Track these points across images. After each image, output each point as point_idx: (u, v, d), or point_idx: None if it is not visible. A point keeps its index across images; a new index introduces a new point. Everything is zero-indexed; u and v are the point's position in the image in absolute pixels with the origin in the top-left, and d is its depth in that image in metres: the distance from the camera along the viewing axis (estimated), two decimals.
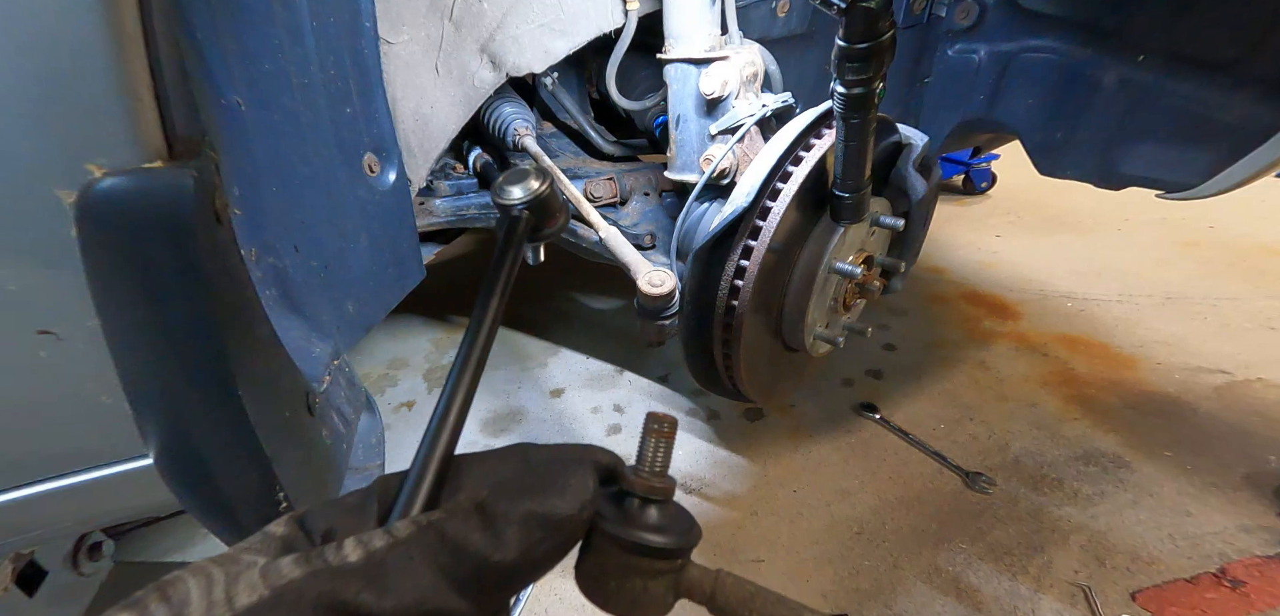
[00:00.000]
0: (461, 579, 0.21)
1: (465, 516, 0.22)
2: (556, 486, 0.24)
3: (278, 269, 0.59)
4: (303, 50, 0.57)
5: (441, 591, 0.21)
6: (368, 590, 0.20)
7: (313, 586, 0.20)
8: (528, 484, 0.24)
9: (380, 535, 0.21)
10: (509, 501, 0.23)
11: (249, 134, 0.54)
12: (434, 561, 0.21)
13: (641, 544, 0.27)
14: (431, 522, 0.21)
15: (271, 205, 0.58)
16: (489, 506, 0.22)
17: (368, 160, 0.66)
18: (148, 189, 0.41)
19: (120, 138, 0.40)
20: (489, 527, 0.22)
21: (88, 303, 0.42)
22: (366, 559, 0.21)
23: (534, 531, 0.23)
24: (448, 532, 0.21)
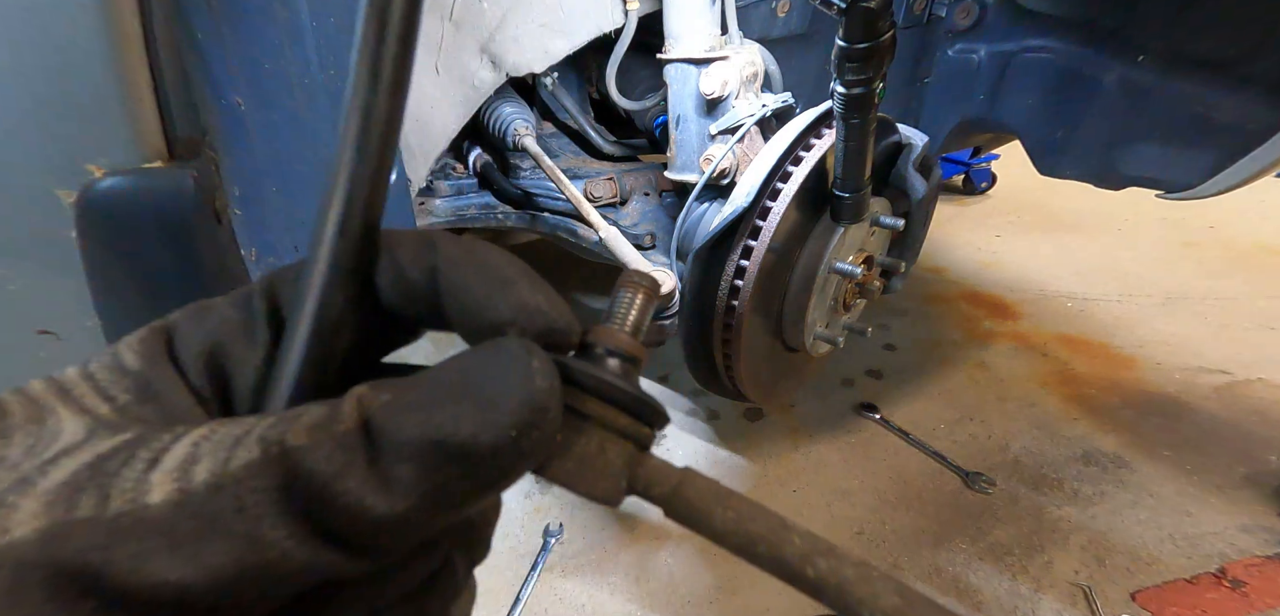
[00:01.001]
0: (327, 530, 0.14)
1: (340, 442, 0.13)
2: (483, 392, 0.14)
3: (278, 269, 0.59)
4: (303, 50, 0.57)
5: (291, 545, 0.13)
6: (159, 554, 0.12)
7: (47, 550, 0.12)
8: (445, 379, 0.15)
9: (213, 454, 0.13)
10: (407, 418, 0.14)
11: (249, 134, 0.54)
12: (283, 507, 0.13)
13: (604, 385, 0.18)
14: (284, 449, 0.13)
15: (271, 205, 0.58)
16: (378, 425, 0.14)
17: None
18: (148, 189, 0.41)
19: (120, 138, 0.40)
20: (373, 462, 0.14)
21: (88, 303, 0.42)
22: (175, 501, 0.13)
23: (438, 470, 0.14)
24: (307, 467, 0.13)
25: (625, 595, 1.03)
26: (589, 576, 1.06)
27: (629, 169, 1.17)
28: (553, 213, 1.14)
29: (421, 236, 0.19)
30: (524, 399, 0.14)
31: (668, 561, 1.08)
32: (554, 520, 1.15)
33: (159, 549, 0.12)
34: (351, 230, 0.17)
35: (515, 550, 1.11)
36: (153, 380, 0.16)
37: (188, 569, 0.13)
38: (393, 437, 0.14)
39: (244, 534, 0.13)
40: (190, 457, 0.13)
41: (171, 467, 0.13)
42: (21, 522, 0.12)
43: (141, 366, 0.17)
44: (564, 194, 1.02)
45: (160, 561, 0.12)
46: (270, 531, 0.13)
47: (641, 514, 1.18)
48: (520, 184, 1.15)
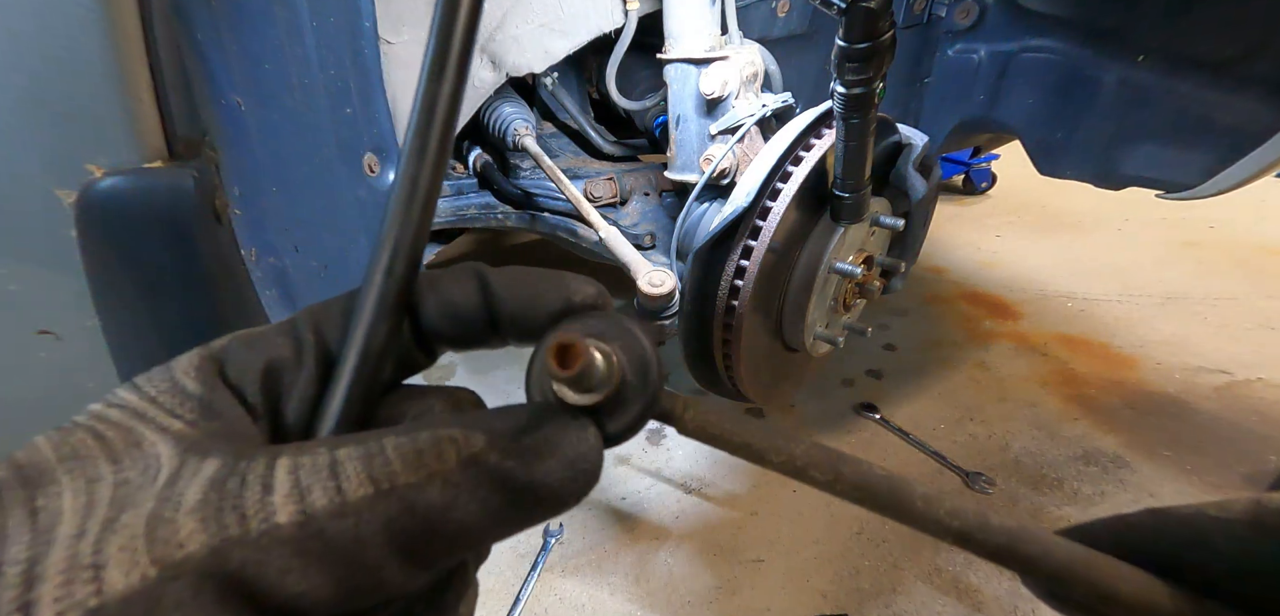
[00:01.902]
0: (411, 549, 0.16)
1: (445, 481, 0.16)
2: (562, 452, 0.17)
3: (278, 268, 0.59)
4: (302, 50, 0.57)
5: (393, 573, 0.16)
6: (298, 569, 0.14)
7: (220, 565, 0.14)
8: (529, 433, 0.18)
9: (319, 480, 0.15)
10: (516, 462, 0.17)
11: (249, 134, 0.54)
12: (391, 537, 0.15)
13: None
14: (397, 488, 0.16)
15: (272, 205, 0.58)
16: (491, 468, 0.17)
17: (368, 160, 0.66)
18: (148, 189, 0.41)
19: (120, 138, 0.40)
20: (453, 491, 0.16)
21: (88, 302, 0.42)
22: (302, 522, 0.15)
23: (522, 507, 0.17)
24: (420, 503, 0.16)
25: (625, 595, 1.03)
26: (589, 576, 1.06)
27: (629, 169, 1.17)
28: (553, 213, 1.14)
29: (462, 271, 0.22)
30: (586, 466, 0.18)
31: (668, 561, 1.08)
32: (554, 520, 1.15)
33: (295, 565, 0.15)
34: (396, 275, 0.20)
35: (515, 550, 1.11)
36: (213, 402, 0.18)
37: (318, 583, 0.15)
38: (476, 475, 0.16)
39: (359, 557, 0.15)
40: (299, 485, 0.15)
41: (287, 492, 0.15)
42: (191, 537, 0.14)
43: (201, 390, 0.18)
44: (564, 194, 1.02)
45: (297, 576, 0.15)
46: (379, 557, 0.15)
47: (641, 514, 1.18)
48: (520, 184, 1.16)
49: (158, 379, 0.18)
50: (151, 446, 0.16)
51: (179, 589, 0.14)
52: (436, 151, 0.21)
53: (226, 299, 0.47)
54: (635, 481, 1.25)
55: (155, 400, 0.18)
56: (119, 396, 0.18)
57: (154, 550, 0.14)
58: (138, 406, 0.17)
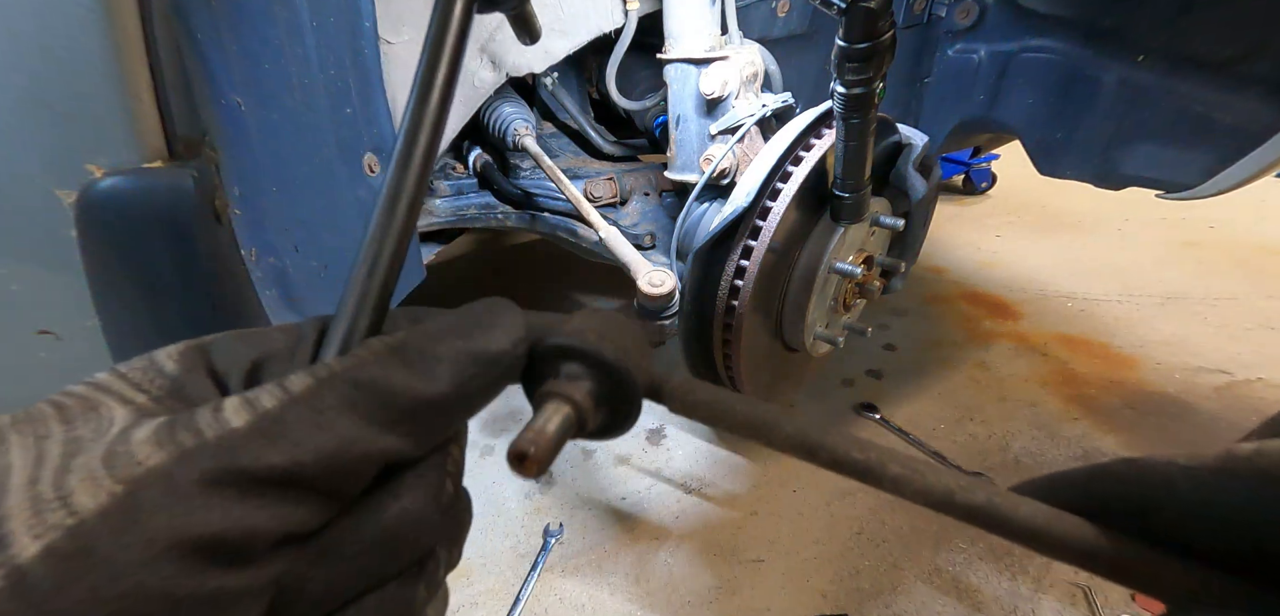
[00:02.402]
0: (389, 418, 0.18)
1: (381, 359, 0.18)
2: (484, 325, 0.21)
3: (278, 269, 0.59)
4: (303, 50, 0.57)
5: (367, 432, 0.17)
6: (268, 448, 0.16)
7: (184, 466, 0.15)
8: (451, 325, 0.20)
9: (269, 392, 0.17)
10: (433, 341, 0.19)
11: (249, 134, 0.54)
12: (350, 407, 0.17)
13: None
14: (336, 372, 0.17)
15: (272, 205, 0.58)
16: (409, 347, 0.19)
17: (368, 160, 0.66)
18: (148, 189, 0.41)
19: (120, 138, 0.40)
20: (412, 366, 0.18)
21: (88, 302, 0.42)
22: (255, 420, 0.16)
23: (465, 367, 0.19)
24: (361, 377, 0.17)
25: (625, 595, 1.03)
26: (589, 576, 1.06)
27: (629, 169, 1.17)
28: (553, 212, 1.14)
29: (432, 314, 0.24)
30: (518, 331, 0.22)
31: (668, 561, 1.08)
32: (554, 520, 1.15)
33: (264, 447, 0.16)
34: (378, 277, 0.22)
35: (515, 550, 1.11)
36: (186, 385, 0.19)
37: (294, 451, 0.16)
38: (428, 350, 0.19)
39: (327, 428, 0.16)
40: (247, 401, 0.16)
41: (236, 406, 0.16)
42: (149, 456, 0.15)
43: (179, 371, 0.19)
44: (564, 194, 1.03)
45: (270, 453, 0.16)
46: (342, 424, 0.17)
47: (641, 514, 1.18)
48: (520, 184, 1.16)
49: (139, 363, 0.19)
50: (108, 412, 0.17)
51: (154, 492, 0.14)
52: (419, 164, 0.23)
53: (226, 299, 0.47)
54: (635, 481, 1.25)
55: (125, 376, 0.18)
56: (95, 378, 0.19)
57: (115, 473, 0.15)
58: (107, 382, 0.18)
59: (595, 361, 0.23)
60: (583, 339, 0.23)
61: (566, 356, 0.23)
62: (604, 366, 0.23)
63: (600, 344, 0.23)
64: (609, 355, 0.23)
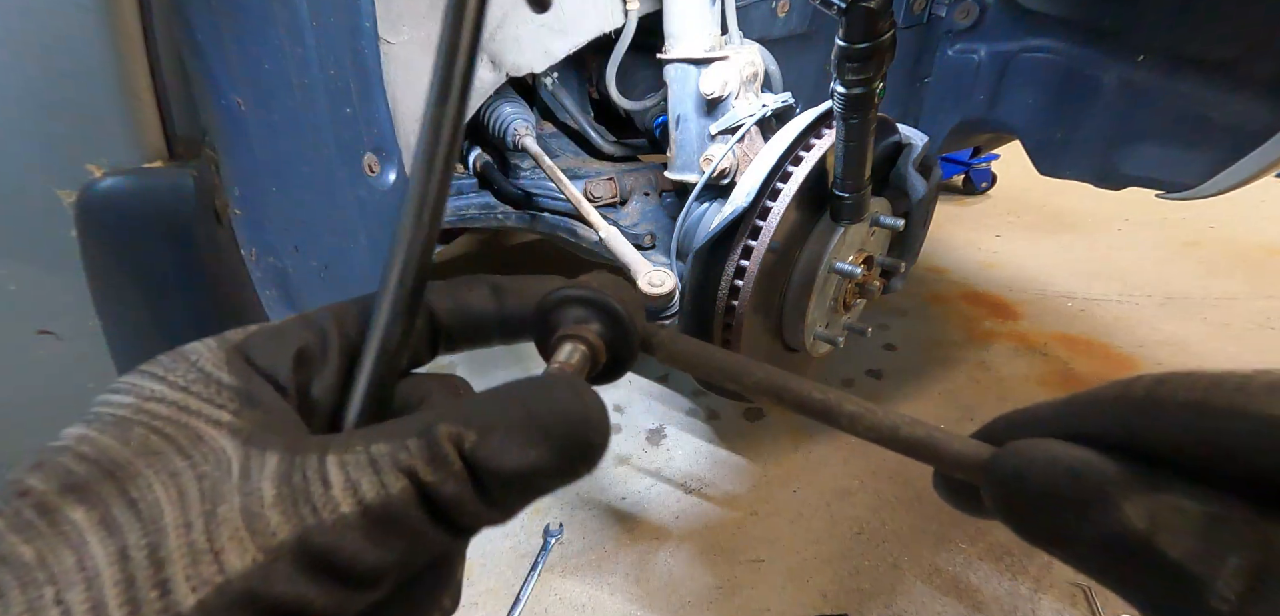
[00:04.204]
0: (454, 529, 0.19)
1: (458, 479, 0.19)
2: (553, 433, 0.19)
3: (278, 269, 0.59)
4: (303, 50, 0.57)
5: (438, 540, 0.19)
6: (368, 547, 0.17)
7: (307, 547, 0.17)
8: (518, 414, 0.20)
9: (365, 475, 0.18)
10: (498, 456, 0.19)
11: (249, 134, 0.54)
12: (429, 515, 0.19)
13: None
14: (423, 483, 0.19)
15: (272, 205, 0.58)
16: (479, 464, 0.19)
17: (368, 160, 0.66)
18: (148, 189, 0.41)
19: (120, 138, 0.40)
20: (478, 484, 0.19)
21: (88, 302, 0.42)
22: (361, 511, 0.18)
23: (523, 492, 0.20)
24: (441, 495, 0.19)
25: (625, 595, 1.03)
26: (589, 576, 1.06)
27: (629, 169, 1.17)
28: (553, 212, 1.14)
29: (475, 280, 0.27)
30: (589, 435, 0.20)
31: (668, 561, 1.08)
32: (554, 520, 1.15)
33: (364, 545, 0.17)
34: (408, 282, 0.23)
35: (515, 550, 1.11)
36: (252, 391, 0.20)
37: (386, 556, 0.18)
38: (495, 474, 0.19)
39: (410, 533, 0.18)
40: (350, 480, 0.18)
41: (342, 486, 0.18)
42: (279, 527, 0.17)
43: (237, 381, 0.20)
44: (564, 194, 1.03)
45: (368, 553, 0.17)
46: (425, 530, 0.19)
47: (641, 514, 1.18)
48: (520, 184, 1.16)
49: (181, 369, 0.20)
50: (213, 440, 0.18)
51: (283, 567, 0.16)
52: (442, 166, 0.24)
53: (226, 299, 0.47)
54: (635, 481, 1.25)
55: (189, 390, 0.20)
56: (148, 387, 0.20)
57: (256, 539, 0.17)
58: (178, 400, 0.19)
59: (602, 307, 0.25)
60: (588, 288, 0.25)
61: (574, 304, 0.25)
62: (609, 312, 0.25)
63: (607, 295, 0.25)
64: (615, 305, 0.25)
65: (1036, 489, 0.19)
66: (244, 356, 0.21)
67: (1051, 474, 0.19)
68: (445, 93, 0.24)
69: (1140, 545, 0.17)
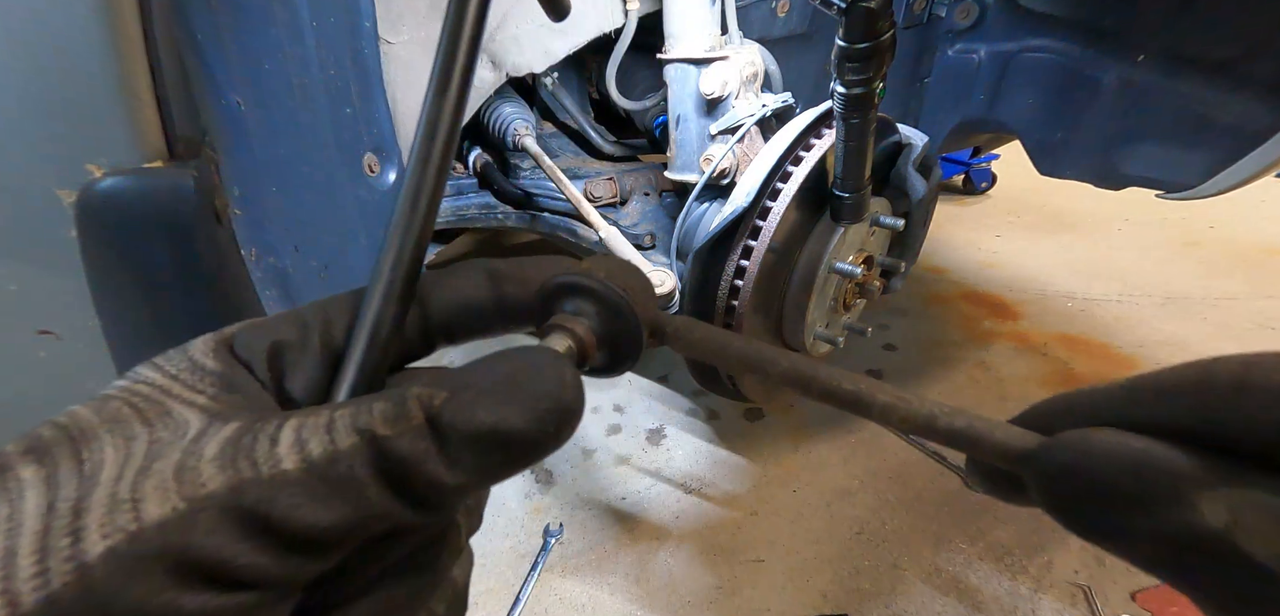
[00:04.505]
0: (411, 496, 0.18)
1: (416, 433, 0.18)
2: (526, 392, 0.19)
3: (278, 269, 0.59)
4: (303, 50, 0.57)
5: (386, 503, 0.18)
6: (306, 504, 0.17)
7: (237, 499, 0.16)
8: (491, 377, 0.19)
9: (316, 435, 0.18)
10: (465, 412, 0.18)
11: (249, 134, 0.54)
12: (379, 473, 0.18)
13: None
14: (376, 437, 0.18)
15: (272, 205, 0.58)
16: (442, 420, 0.18)
17: (368, 160, 0.66)
18: (148, 189, 0.41)
19: (120, 138, 0.40)
20: (442, 446, 0.18)
21: (88, 302, 0.42)
22: (304, 467, 0.17)
23: (492, 453, 0.18)
24: (394, 449, 0.18)
25: (625, 595, 1.03)
26: (589, 576, 1.06)
27: (629, 169, 1.17)
28: (553, 212, 1.14)
29: (470, 266, 0.26)
30: (559, 401, 0.19)
31: (668, 561, 1.08)
32: (554, 520, 1.15)
33: (303, 501, 0.17)
34: (402, 266, 0.23)
35: (515, 550, 1.11)
36: (232, 377, 0.21)
37: (323, 515, 0.17)
38: (458, 429, 0.18)
39: (355, 494, 0.18)
40: (300, 439, 0.18)
41: (290, 444, 0.17)
42: (211, 479, 0.17)
43: (219, 367, 0.21)
44: (564, 194, 1.03)
45: (305, 510, 0.17)
46: (372, 492, 0.18)
47: (641, 514, 1.18)
48: (520, 184, 1.16)
49: (176, 359, 0.21)
50: (180, 414, 0.19)
51: (206, 518, 0.16)
52: (439, 159, 0.24)
53: (226, 299, 0.47)
54: (635, 481, 1.25)
55: (176, 377, 0.20)
56: (142, 374, 0.20)
57: (181, 489, 0.16)
58: (163, 383, 0.20)
59: (599, 297, 0.24)
60: (588, 276, 0.24)
61: (573, 293, 0.24)
62: (607, 302, 0.24)
63: (605, 281, 0.23)
64: (614, 295, 0.23)
65: (1094, 483, 0.18)
66: (228, 347, 0.22)
67: (1112, 467, 0.18)
68: (445, 83, 0.24)
69: (1218, 544, 0.16)
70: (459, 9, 0.24)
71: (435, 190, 0.24)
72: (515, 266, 0.26)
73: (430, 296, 0.25)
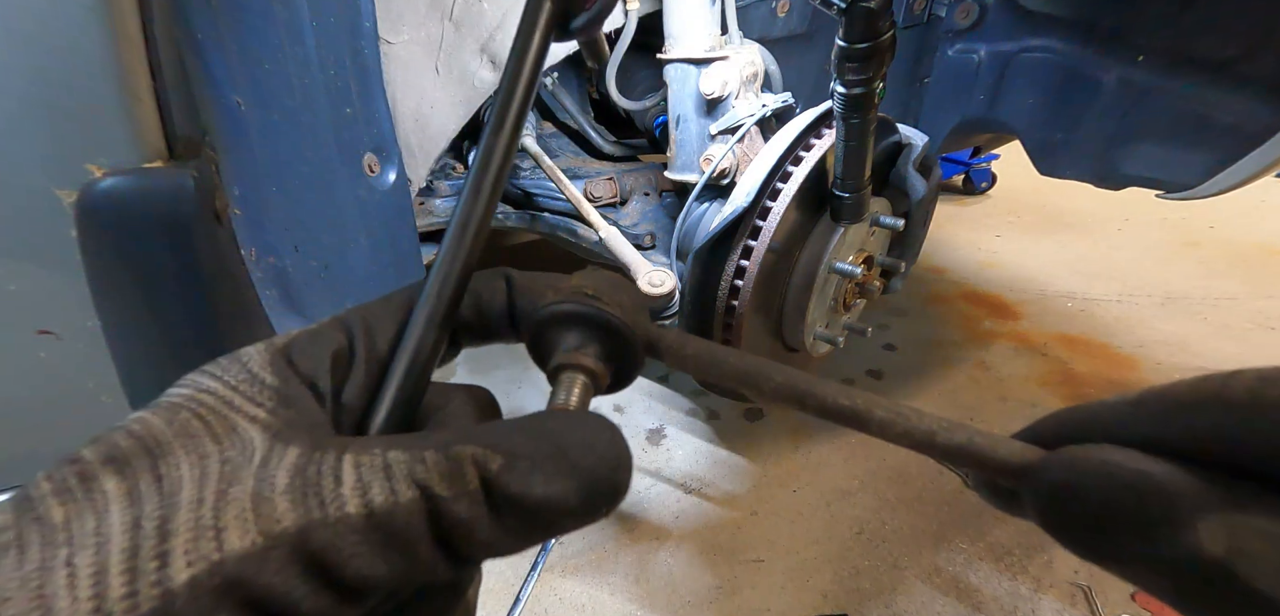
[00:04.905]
0: (456, 555, 0.19)
1: (472, 499, 0.18)
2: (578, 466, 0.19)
3: (278, 269, 0.59)
4: (303, 50, 0.57)
5: (434, 560, 0.18)
6: (365, 554, 0.17)
7: (305, 541, 0.17)
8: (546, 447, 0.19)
9: (377, 479, 0.18)
10: (521, 483, 0.18)
11: (249, 134, 0.54)
12: (432, 532, 0.18)
13: None
14: (434, 496, 0.18)
15: (272, 205, 0.58)
16: (500, 489, 0.18)
17: (368, 160, 0.66)
18: (148, 189, 0.41)
19: (120, 138, 0.40)
20: (496, 514, 0.18)
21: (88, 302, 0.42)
22: (366, 515, 0.17)
23: (542, 523, 0.19)
24: (450, 512, 0.18)
25: (625, 595, 1.03)
26: (589, 576, 1.06)
27: (629, 169, 1.17)
28: (553, 213, 1.14)
29: (492, 274, 0.26)
30: (613, 482, 0.19)
31: (667, 561, 1.08)
32: None
33: (363, 551, 0.17)
34: (447, 296, 0.23)
35: None
36: (289, 392, 0.21)
37: (379, 567, 0.17)
38: (515, 502, 0.18)
39: (409, 550, 0.18)
40: (362, 481, 0.18)
41: (352, 485, 0.18)
42: (284, 515, 0.17)
43: (277, 381, 0.21)
44: (564, 194, 1.03)
45: (364, 560, 0.17)
46: (424, 550, 0.18)
47: (641, 514, 1.18)
48: (520, 184, 1.16)
49: (235, 370, 0.21)
50: (245, 431, 0.19)
51: (279, 555, 0.16)
52: (489, 192, 0.25)
53: (226, 299, 0.47)
54: (635, 481, 1.25)
55: (237, 389, 0.20)
56: (204, 384, 0.21)
57: (259, 522, 0.17)
58: (225, 395, 0.20)
59: (599, 326, 0.24)
60: (584, 304, 0.24)
61: (571, 323, 0.24)
62: (608, 330, 0.24)
63: (602, 308, 0.23)
64: (612, 319, 0.23)
65: (1089, 504, 0.17)
66: (286, 359, 0.22)
67: (1106, 488, 0.17)
68: (501, 123, 0.25)
69: (1217, 573, 0.15)
70: (520, 54, 0.25)
71: (483, 222, 0.25)
72: (529, 279, 0.26)
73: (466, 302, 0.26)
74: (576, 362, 0.24)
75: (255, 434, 0.19)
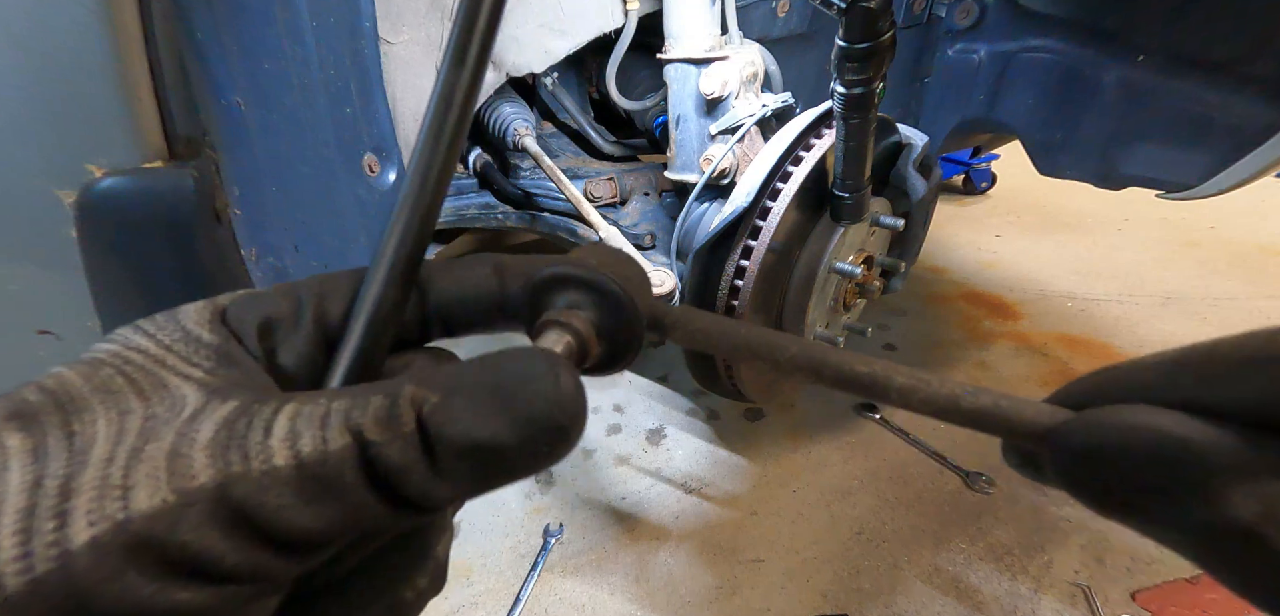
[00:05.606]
0: (397, 500, 0.18)
1: (406, 442, 0.17)
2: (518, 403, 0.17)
3: (278, 269, 0.59)
4: (303, 50, 0.57)
5: (376, 508, 0.17)
6: (294, 505, 0.16)
7: (225, 496, 0.16)
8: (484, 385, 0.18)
9: (310, 428, 0.17)
10: (453, 423, 0.17)
11: (249, 134, 0.54)
12: (369, 479, 0.17)
13: None
14: (366, 442, 0.17)
15: (271, 205, 0.58)
16: (434, 429, 0.17)
17: (368, 160, 0.66)
18: (148, 189, 0.41)
19: (120, 138, 0.40)
20: (432, 459, 0.17)
21: (88, 302, 0.42)
22: (295, 465, 0.16)
23: (482, 467, 0.17)
24: (383, 457, 0.17)
25: (625, 595, 1.03)
26: (589, 576, 1.06)
27: (629, 169, 1.17)
28: (553, 213, 1.14)
29: (477, 259, 0.25)
30: (551, 418, 0.17)
31: (668, 561, 1.08)
32: (554, 520, 1.15)
33: (292, 502, 0.16)
34: (407, 247, 0.22)
35: (515, 550, 1.11)
36: (229, 351, 0.20)
37: (310, 518, 0.17)
38: (447, 442, 0.17)
39: (344, 497, 0.17)
40: (294, 431, 0.17)
41: (283, 437, 0.17)
42: (202, 470, 0.16)
43: (216, 339, 0.20)
44: (564, 194, 1.03)
45: (294, 512, 0.16)
46: (361, 497, 0.17)
47: (641, 514, 1.18)
48: (520, 184, 1.16)
49: (168, 327, 0.20)
50: (177, 388, 0.18)
51: (194, 513, 0.16)
52: (451, 136, 0.22)
53: None
54: (635, 481, 1.25)
55: (170, 347, 0.19)
56: (133, 340, 0.19)
57: (173, 479, 0.16)
58: (156, 352, 0.19)
59: (596, 289, 0.22)
60: (581, 266, 0.22)
61: (566, 285, 0.22)
62: (605, 294, 0.22)
63: (600, 272, 0.22)
64: (611, 285, 0.22)
65: (1113, 467, 0.17)
66: (221, 316, 0.21)
67: (1134, 451, 0.16)
68: (463, 55, 0.22)
69: (1248, 539, 0.15)
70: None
71: (445, 168, 0.22)
72: (521, 261, 0.24)
73: (431, 282, 0.24)
74: (564, 320, 0.22)
75: (189, 391, 0.18)
